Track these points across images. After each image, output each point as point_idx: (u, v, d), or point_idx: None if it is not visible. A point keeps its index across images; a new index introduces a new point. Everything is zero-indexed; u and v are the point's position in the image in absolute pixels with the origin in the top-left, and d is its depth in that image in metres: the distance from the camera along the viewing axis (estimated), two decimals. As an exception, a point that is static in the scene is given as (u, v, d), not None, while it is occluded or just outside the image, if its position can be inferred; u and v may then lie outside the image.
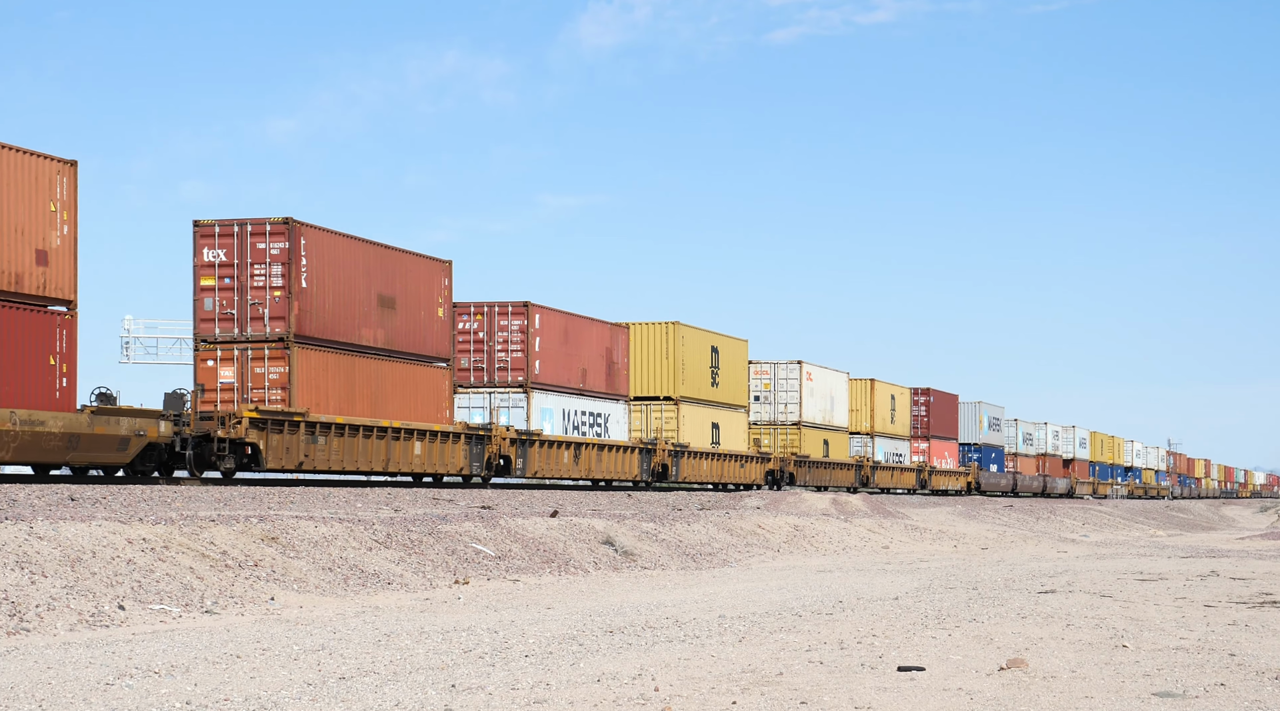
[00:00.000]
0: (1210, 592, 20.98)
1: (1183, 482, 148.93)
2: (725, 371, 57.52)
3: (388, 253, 38.98)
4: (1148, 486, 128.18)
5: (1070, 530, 54.60)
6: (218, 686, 11.12)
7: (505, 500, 34.20)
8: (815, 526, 36.62)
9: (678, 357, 53.34)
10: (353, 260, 37.56)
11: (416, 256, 40.23)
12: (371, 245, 38.38)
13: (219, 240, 35.57)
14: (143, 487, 27.99)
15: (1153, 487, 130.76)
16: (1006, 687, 11.28)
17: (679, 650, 13.46)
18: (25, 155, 29.58)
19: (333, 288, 36.66)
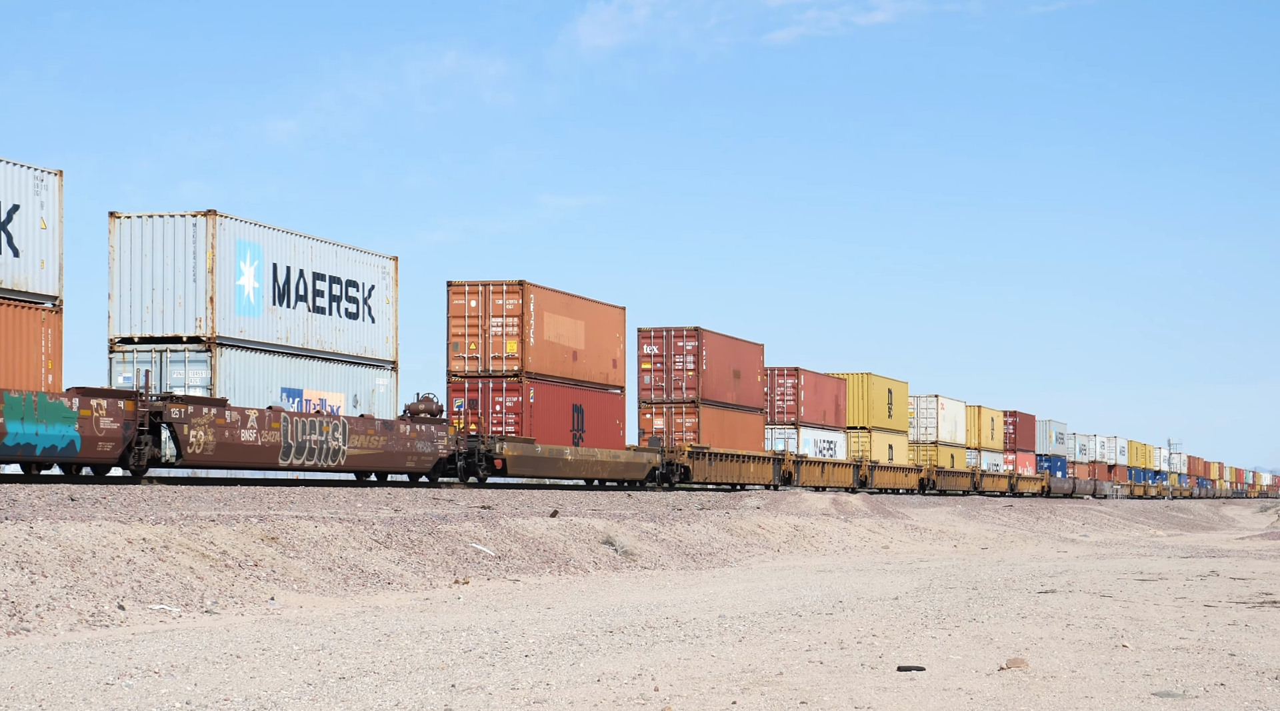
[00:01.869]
0: (1210, 592, 20.98)
1: (1200, 484, 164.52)
2: (895, 406, 77.96)
3: (738, 343, 61.17)
4: (1174, 488, 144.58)
5: (1070, 530, 54.59)
6: (218, 686, 11.12)
7: (505, 500, 34.20)
8: (815, 526, 36.61)
9: (869, 398, 74.45)
10: (721, 349, 59.32)
11: (748, 343, 62.40)
12: (731, 340, 60.50)
13: (653, 340, 57.21)
14: (142, 487, 28.00)
15: (1178, 489, 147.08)
16: (1006, 687, 11.28)
17: (679, 650, 13.45)
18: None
19: (714, 368, 58.24)
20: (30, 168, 29.26)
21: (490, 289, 44.08)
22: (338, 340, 37.77)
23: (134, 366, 33.39)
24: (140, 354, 33.65)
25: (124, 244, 33.60)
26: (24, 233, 29.04)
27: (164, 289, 33.64)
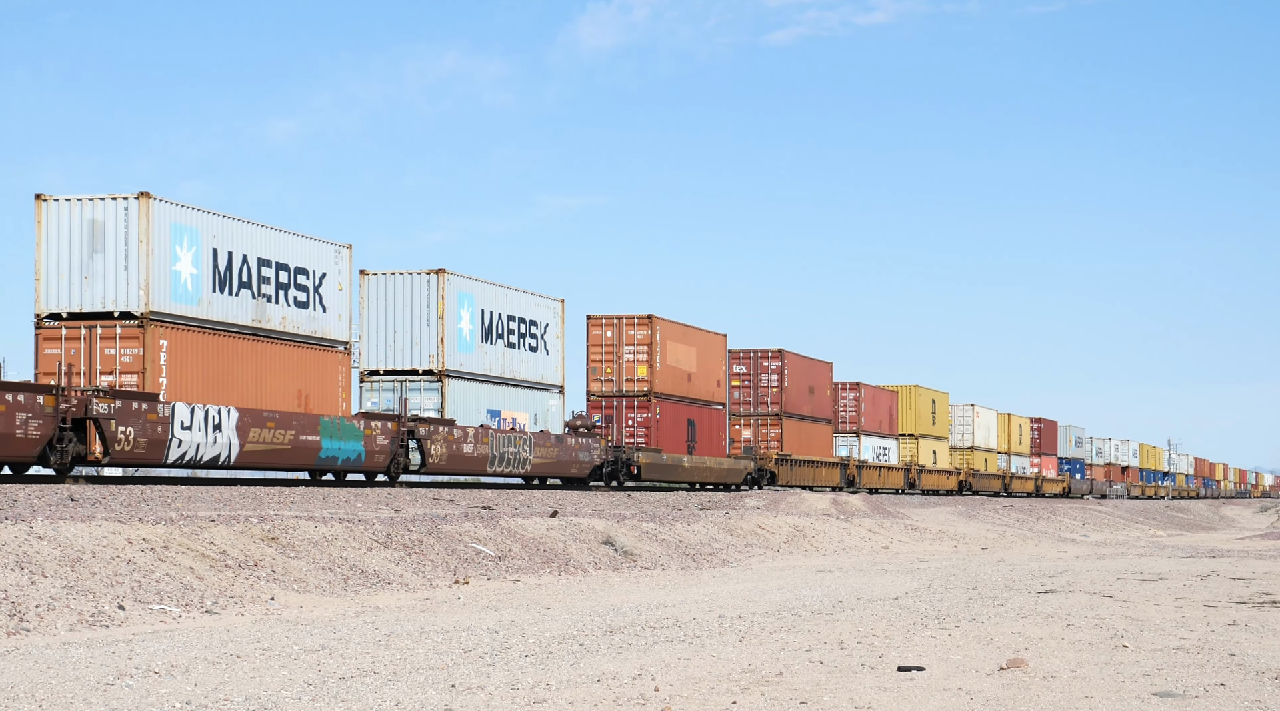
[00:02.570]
0: (1210, 592, 20.98)
1: (1206, 484, 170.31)
2: (938, 414, 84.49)
3: (813, 362, 67.40)
4: (1181, 488, 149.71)
5: (1070, 530, 54.60)
6: (218, 686, 11.12)
7: (505, 500, 34.21)
8: (815, 526, 36.62)
9: (917, 408, 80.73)
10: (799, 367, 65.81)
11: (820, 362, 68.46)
12: (807, 359, 66.75)
13: (741, 360, 63.43)
14: (143, 488, 27.99)
15: (1186, 489, 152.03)
16: (1006, 687, 11.28)
17: (679, 650, 13.45)
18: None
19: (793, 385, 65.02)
20: (331, 244, 37.13)
21: (623, 321, 52.12)
22: (523, 369, 45.93)
23: (380, 393, 41.38)
24: (385, 383, 41.56)
25: (371, 295, 41.49)
26: (329, 294, 36.98)
27: (405, 331, 41.49)
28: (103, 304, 31.33)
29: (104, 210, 31.41)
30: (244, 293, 34.00)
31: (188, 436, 31.17)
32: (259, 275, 34.51)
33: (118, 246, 31.26)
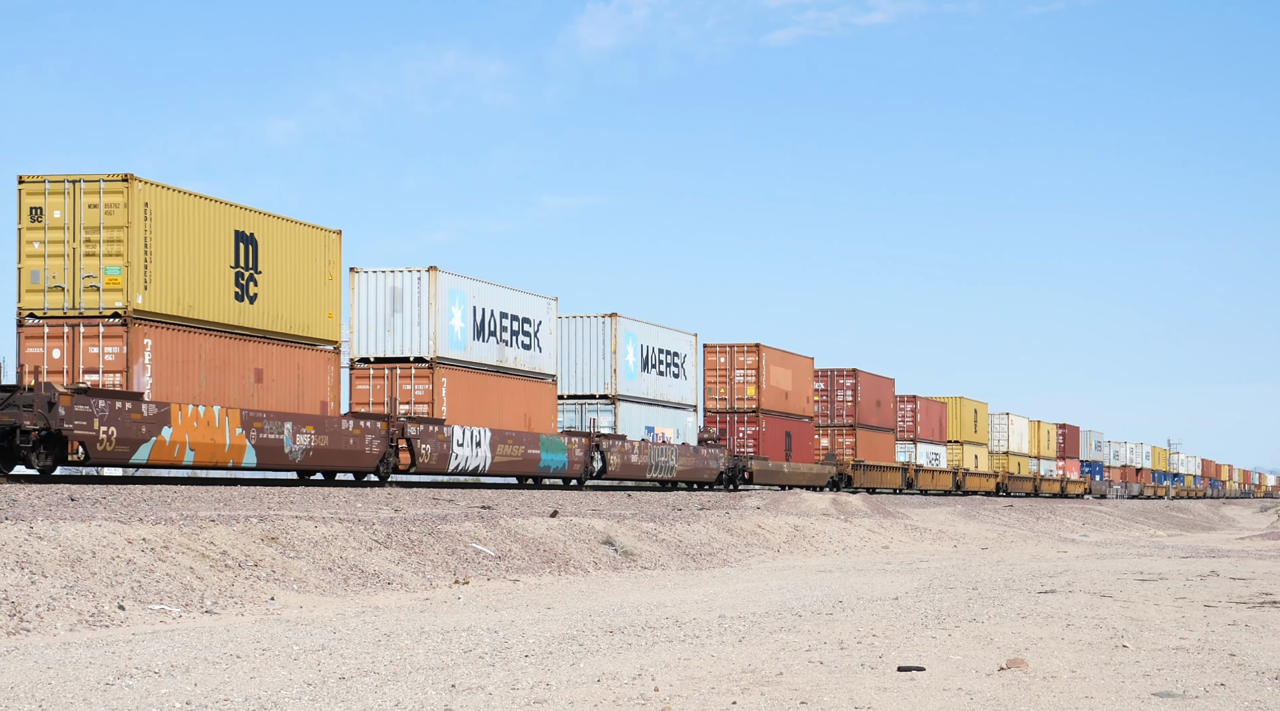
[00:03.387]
0: (1210, 592, 20.97)
1: (1212, 485, 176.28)
2: (979, 423, 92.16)
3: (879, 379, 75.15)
4: (1190, 489, 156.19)
5: (1070, 530, 54.59)
6: (218, 686, 11.12)
7: (505, 500, 34.20)
8: (815, 526, 36.60)
9: (961, 417, 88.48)
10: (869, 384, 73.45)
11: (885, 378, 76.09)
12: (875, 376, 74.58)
13: (820, 378, 70.23)
14: (143, 488, 27.99)
15: (1194, 490, 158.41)
16: (1006, 687, 11.27)
17: (679, 650, 13.45)
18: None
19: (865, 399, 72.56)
20: (544, 297, 46.00)
21: (734, 349, 61.15)
22: (669, 393, 55.09)
23: (567, 414, 50.13)
24: (569, 405, 50.50)
25: (562, 333, 49.66)
26: (543, 337, 45.74)
27: (585, 364, 50.63)
28: (401, 350, 39.82)
29: (402, 280, 39.97)
30: (491, 339, 42.95)
31: (461, 451, 40.06)
32: (500, 325, 43.56)
33: (412, 307, 39.82)
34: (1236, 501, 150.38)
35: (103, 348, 29.62)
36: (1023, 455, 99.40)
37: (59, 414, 27.47)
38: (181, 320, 31.08)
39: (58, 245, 29.71)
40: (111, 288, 29.63)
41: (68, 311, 29.69)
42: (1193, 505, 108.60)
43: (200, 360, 31.53)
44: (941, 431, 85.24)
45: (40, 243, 29.72)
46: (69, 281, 29.70)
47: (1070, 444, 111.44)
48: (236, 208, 32.67)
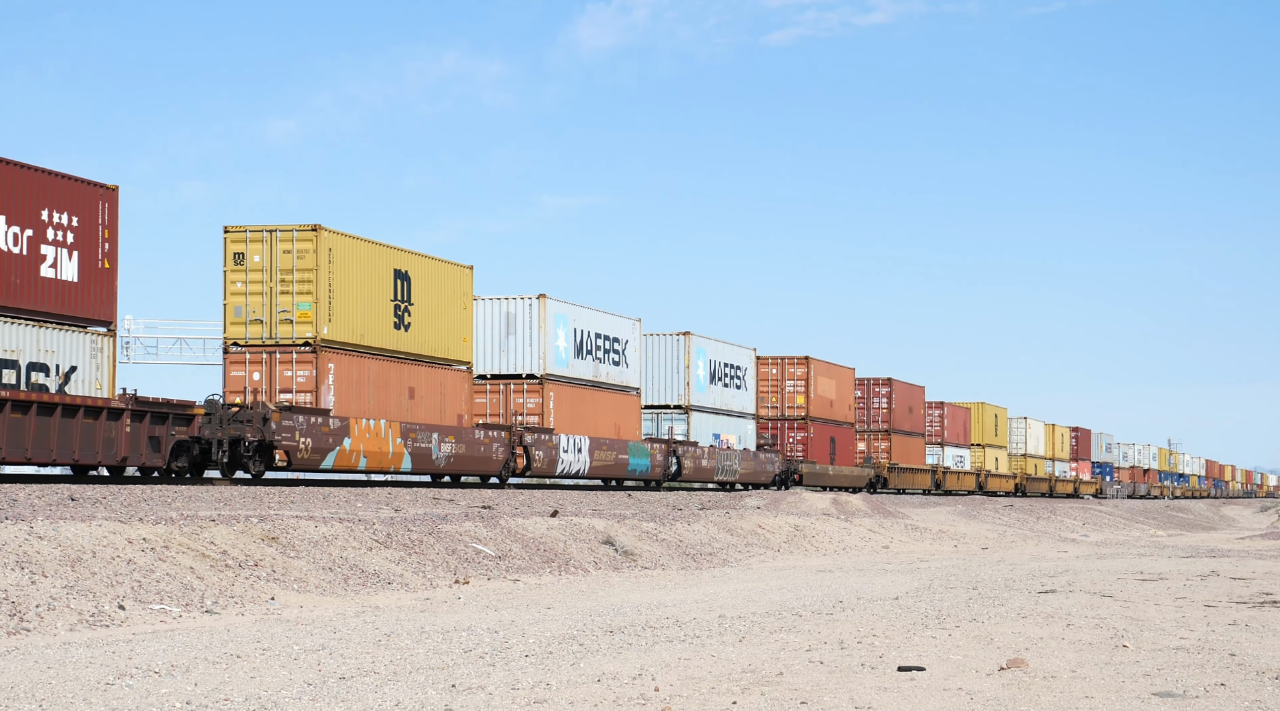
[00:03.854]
0: (1210, 592, 20.97)
1: (1216, 485, 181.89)
2: (999, 427, 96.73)
3: (911, 387, 79.83)
4: (1195, 489, 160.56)
5: (1070, 530, 54.58)
6: (218, 686, 11.12)
7: (505, 500, 34.20)
8: (815, 526, 36.60)
9: (984, 422, 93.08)
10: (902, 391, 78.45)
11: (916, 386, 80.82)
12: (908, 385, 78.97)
13: (857, 386, 74.00)
14: (143, 487, 28.00)
15: (1199, 490, 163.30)
16: (1006, 687, 11.27)
17: (679, 650, 13.45)
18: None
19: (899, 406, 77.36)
20: (630, 318, 51.33)
21: (785, 361, 66.19)
22: (732, 403, 60.42)
23: (647, 424, 55.07)
24: (647, 415, 55.41)
25: (645, 349, 54.49)
26: (629, 355, 51.03)
27: (661, 377, 55.96)
28: (515, 368, 45.04)
29: (515, 306, 45.12)
30: (588, 357, 48.06)
31: (566, 456, 45.38)
32: (595, 344, 48.63)
33: (524, 330, 44.98)
34: (1237, 501, 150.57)
35: (295, 371, 34.92)
36: (1039, 457, 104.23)
37: (270, 427, 32.83)
38: (355, 347, 36.70)
39: (257, 285, 35.03)
40: (303, 321, 35.06)
41: (265, 341, 35.08)
42: (1193, 505, 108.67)
43: (369, 380, 37.09)
44: (965, 435, 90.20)
45: (242, 283, 35.11)
46: (267, 315, 35.07)
47: (1082, 446, 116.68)
48: (395, 249, 38.24)
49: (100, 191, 30.68)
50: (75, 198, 29.98)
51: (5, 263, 28.33)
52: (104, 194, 30.76)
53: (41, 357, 28.98)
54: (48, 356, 29.09)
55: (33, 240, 28.93)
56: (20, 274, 28.65)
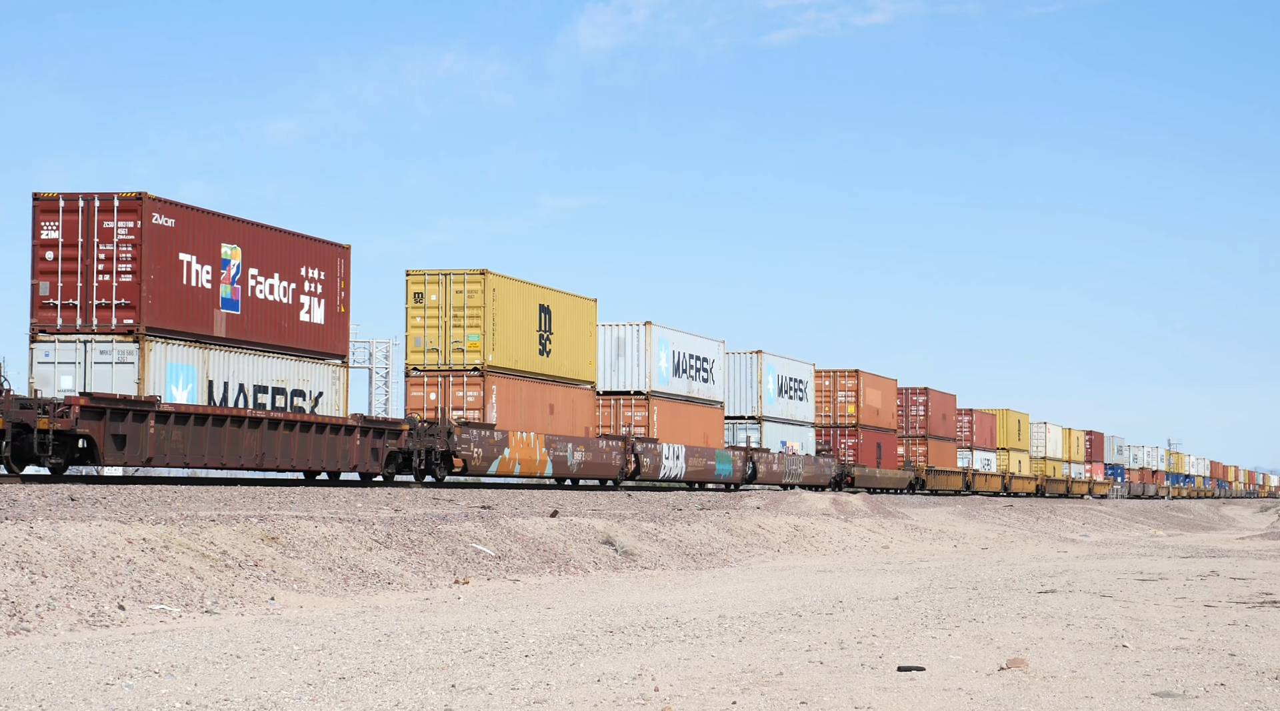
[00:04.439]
0: (1210, 592, 20.97)
1: (1220, 485, 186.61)
2: (1022, 431, 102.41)
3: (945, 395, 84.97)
4: (1200, 490, 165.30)
5: (1070, 530, 54.57)
6: (218, 686, 11.12)
7: (505, 500, 34.19)
8: (815, 526, 36.59)
9: (1008, 427, 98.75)
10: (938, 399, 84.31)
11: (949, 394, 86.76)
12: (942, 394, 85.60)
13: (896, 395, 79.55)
14: (143, 488, 28.00)
15: (1204, 490, 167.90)
16: (1006, 687, 11.27)
17: (679, 650, 13.45)
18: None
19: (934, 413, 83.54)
20: (716, 340, 58.06)
21: (837, 374, 72.87)
22: (795, 413, 66.83)
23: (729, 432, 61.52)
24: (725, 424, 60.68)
25: (726, 365, 60.45)
26: (715, 373, 57.69)
27: (739, 391, 62.62)
28: (624, 385, 51.80)
29: (625, 331, 51.77)
30: (684, 375, 54.74)
31: (667, 463, 52.18)
32: (688, 363, 55.11)
33: (632, 352, 51.72)
34: (1238, 501, 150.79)
35: (466, 392, 41.66)
36: (1057, 460, 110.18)
37: (453, 440, 39.59)
38: (512, 370, 43.39)
39: (434, 320, 41.93)
40: (472, 350, 41.93)
41: (440, 366, 41.81)
42: (1193, 505, 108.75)
43: (521, 399, 43.75)
44: (992, 440, 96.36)
45: (421, 317, 41.98)
46: (442, 345, 41.89)
47: (1096, 448, 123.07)
48: (539, 287, 45.16)
49: (338, 250, 37.33)
50: (321, 256, 36.59)
51: (277, 311, 35.03)
52: (340, 252, 37.42)
53: (300, 385, 35.81)
54: (304, 384, 35.91)
55: (295, 292, 35.64)
56: (287, 319, 35.34)
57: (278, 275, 34.95)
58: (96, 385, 31.11)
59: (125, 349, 31.14)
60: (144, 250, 31.15)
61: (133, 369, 31.07)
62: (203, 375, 32.78)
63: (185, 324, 32.43)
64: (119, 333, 31.19)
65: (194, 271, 32.56)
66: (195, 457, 31.84)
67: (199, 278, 32.71)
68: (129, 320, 31.20)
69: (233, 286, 33.75)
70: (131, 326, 31.14)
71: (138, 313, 31.20)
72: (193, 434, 31.61)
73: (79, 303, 31.27)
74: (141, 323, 31.22)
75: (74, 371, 31.19)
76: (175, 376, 31.93)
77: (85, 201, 31.21)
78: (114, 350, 31.11)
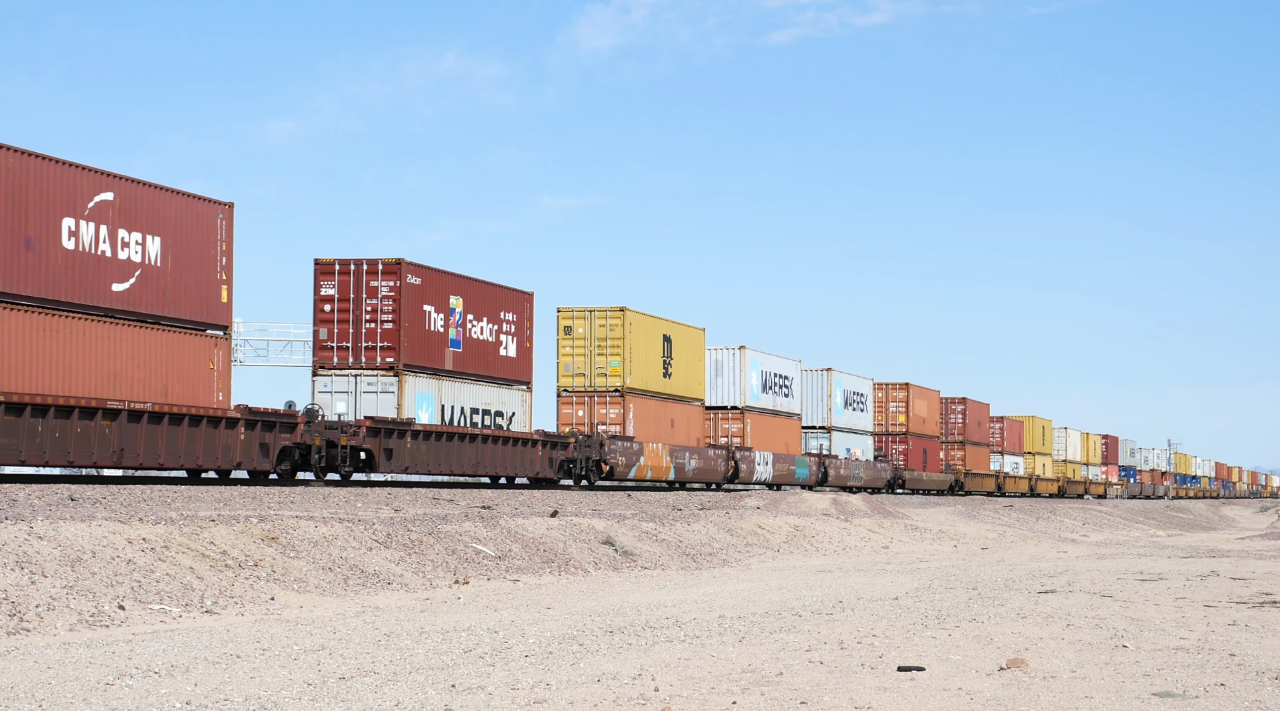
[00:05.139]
0: (1210, 592, 20.97)
1: (1225, 486, 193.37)
2: (1045, 436, 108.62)
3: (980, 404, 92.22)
4: (1205, 490, 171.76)
5: (1070, 530, 54.57)
6: (218, 686, 11.12)
7: (505, 500, 34.19)
8: (815, 526, 36.59)
9: (1033, 432, 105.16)
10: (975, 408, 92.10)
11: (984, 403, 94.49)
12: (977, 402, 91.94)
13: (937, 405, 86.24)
14: (142, 488, 28.01)
15: (1209, 491, 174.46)
16: (1006, 687, 11.28)
17: (679, 650, 13.45)
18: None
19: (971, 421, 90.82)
20: (794, 360, 66.56)
21: (889, 386, 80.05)
22: (858, 423, 74.95)
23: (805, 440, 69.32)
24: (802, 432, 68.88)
25: (802, 381, 68.42)
26: (793, 388, 66.04)
27: (813, 405, 70.80)
28: (721, 401, 60.14)
29: (722, 355, 60.42)
30: (770, 391, 63.14)
31: (759, 468, 60.14)
32: (773, 381, 63.55)
33: (729, 372, 60.43)
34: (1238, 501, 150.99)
35: (608, 409, 49.91)
36: (1077, 463, 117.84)
37: (604, 450, 47.93)
38: (644, 391, 51.46)
39: (581, 349, 50.10)
40: (613, 374, 50.03)
41: (586, 388, 49.95)
42: (1193, 505, 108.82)
43: (650, 415, 51.79)
44: (1020, 444, 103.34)
45: (570, 348, 50.07)
46: (587, 370, 50.02)
47: (1111, 451, 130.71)
48: (662, 320, 53.26)
49: (526, 296, 46.20)
50: (514, 302, 45.40)
51: (485, 348, 43.68)
52: (528, 297, 46.32)
53: (500, 407, 44.39)
54: (503, 406, 44.55)
55: (496, 332, 44.33)
56: (492, 354, 44.04)
57: (486, 319, 43.87)
58: (364, 410, 38.88)
59: (387, 381, 39.37)
60: (401, 304, 39.46)
61: (393, 397, 39.24)
62: (437, 401, 41.15)
63: (426, 360, 40.64)
64: (381, 368, 39.45)
65: (432, 319, 41.06)
66: (435, 466, 39.94)
67: (435, 323, 41.24)
68: (390, 359, 39.49)
69: (457, 329, 42.33)
70: (392, 363, 39.42)
71: (396, 352, 39.43)
72: (434, 447, 39.86)
73: (350, 345, 39.47)
74: (400, 360, 39.50)
75: (346, 399, 39.30)
76: (421, 402, 40.31)
77: (356, 266, 39.65)
78: (378, 382, 39.33)
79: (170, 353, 32.20)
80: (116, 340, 30.73)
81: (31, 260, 29.11)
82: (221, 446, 33.00)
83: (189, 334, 32.89)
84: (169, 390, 32.00)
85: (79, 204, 30.27)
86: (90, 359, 30.10)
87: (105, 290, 30.61)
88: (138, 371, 31.12)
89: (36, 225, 29.28)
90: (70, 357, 29.63)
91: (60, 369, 29.36)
